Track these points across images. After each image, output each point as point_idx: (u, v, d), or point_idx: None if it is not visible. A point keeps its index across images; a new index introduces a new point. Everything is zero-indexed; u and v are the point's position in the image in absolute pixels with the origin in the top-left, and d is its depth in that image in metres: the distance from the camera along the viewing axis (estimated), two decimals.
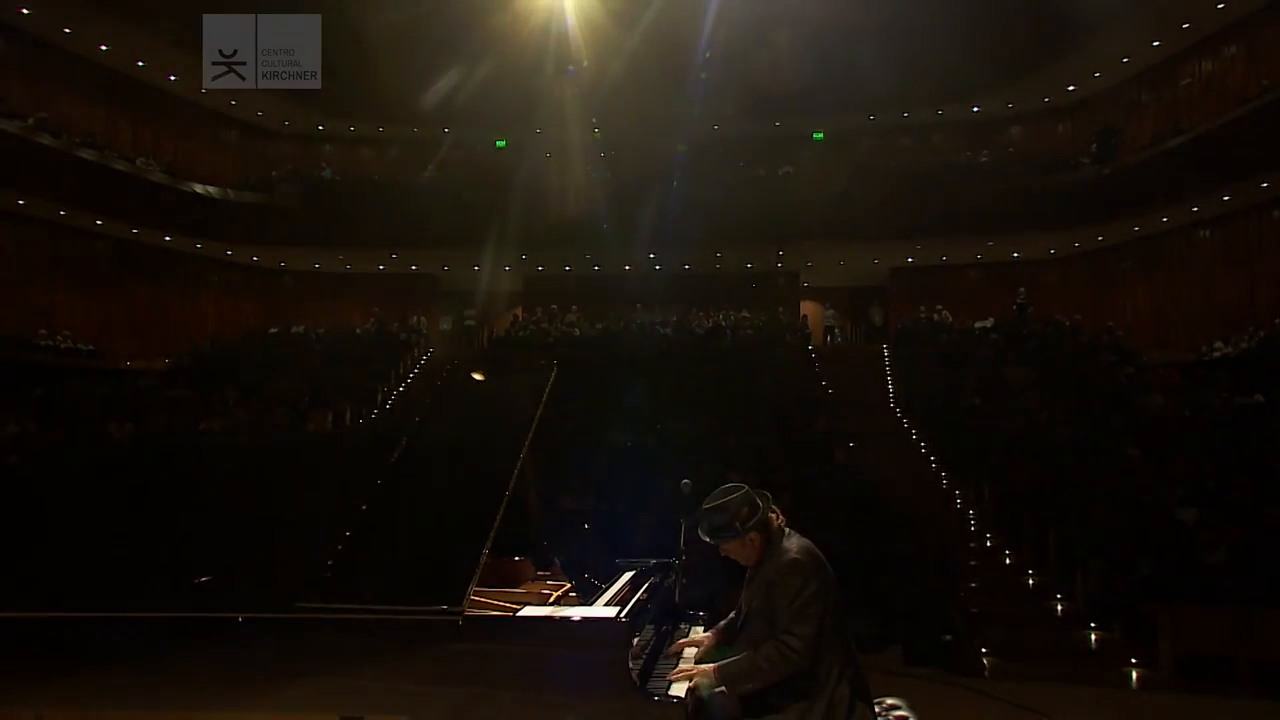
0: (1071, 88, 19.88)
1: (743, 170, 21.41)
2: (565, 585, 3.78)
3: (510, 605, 3.25)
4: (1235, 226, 17.00)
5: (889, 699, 3.40)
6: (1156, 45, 17.65)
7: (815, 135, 22.27)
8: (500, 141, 21.71)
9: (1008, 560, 9.98)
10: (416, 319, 20.37)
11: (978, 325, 18.41)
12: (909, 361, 16.88)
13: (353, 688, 2.99)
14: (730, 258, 21.52)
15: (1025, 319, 18.38)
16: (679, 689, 2.92)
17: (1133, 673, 7.46)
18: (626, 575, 4.06)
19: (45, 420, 13.81)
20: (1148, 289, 19.04)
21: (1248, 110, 14.81)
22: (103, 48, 17.70)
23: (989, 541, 10.45)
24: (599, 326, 19.42)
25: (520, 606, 3.25)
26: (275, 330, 19.65)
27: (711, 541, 3.13)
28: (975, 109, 21.17)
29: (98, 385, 15.79)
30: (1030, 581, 9.46)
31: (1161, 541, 8.49)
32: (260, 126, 21.87)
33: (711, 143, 21.08)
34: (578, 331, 19.24)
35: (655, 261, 21.14)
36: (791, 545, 3.02)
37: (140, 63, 18.25)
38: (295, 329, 19.67)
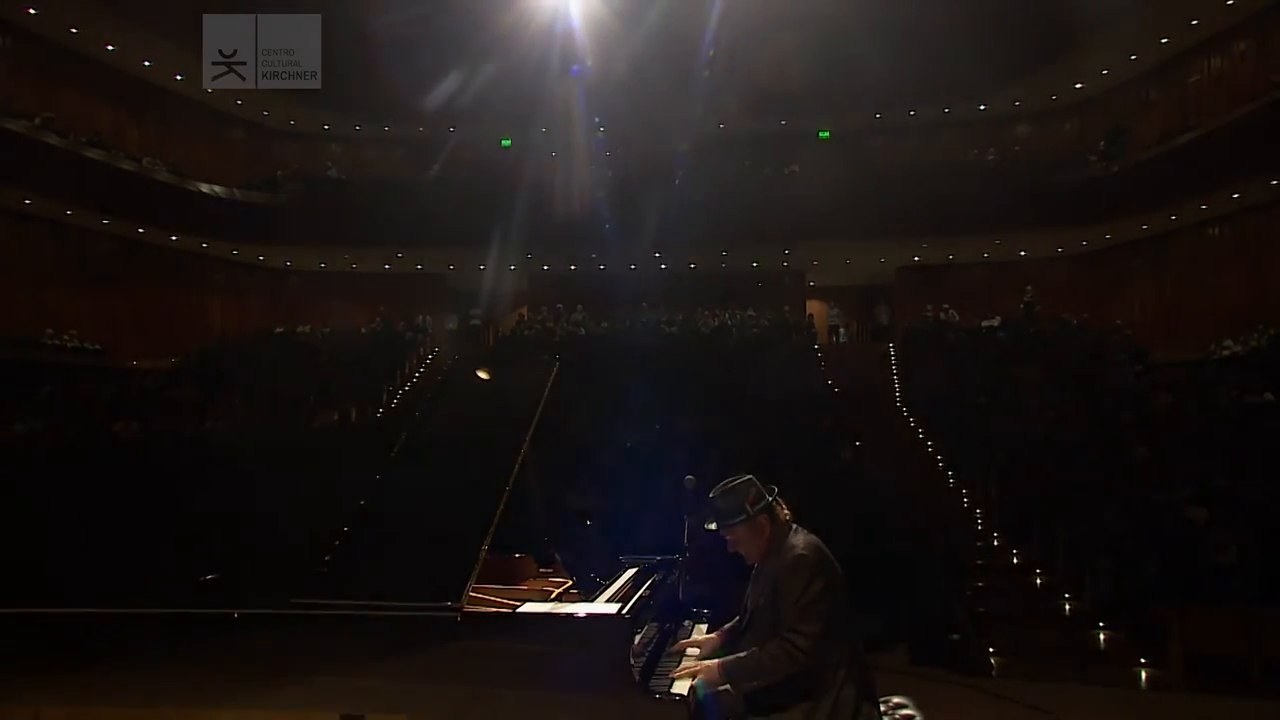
0: (1079, 85, 19.77)
1: (748, 169, 21.36)
2: (567, 582, 3.74)
3: (511, 602, 3.21)
4: (1245, 224, 16.90)
5: (895, 698, 3.36)
6: (1165, 42, 17.54)
7: (821, 134, 22.18)
8: (506, 140, 21.69)
9: (1015, 560, 9.92)
10: (422, 318, 20.38)
11: (984, 324, 18.34)
12: (915, 360, 16.82)
13: (353, 685, 2.96)
14: (736, 256, 21.47)
15: (1032, 318, 18.30)
16: (681, 687, 2.89)
17: (1142, 673, 7.40)
18: (629, 572, 4.03)
19: (52, 420, 13.84)
20: (1156, 287, 18.93)
21: (1257, 107, 14.71)
22: (109, 48, 17.74)
23: (996, 541, 10.39)
24: (604, 325, 19.39)
25: (521, 603, 3.21)
26: (281, 330, 19.67)
27: (720, 529, 3.09)
28: (982, 107, 21.05)
29: (104, 385, 15.82)
30: (1038, 581, 9.40)
31: (1171, 541, 8.41)
32: (266, 126, 21.89)
33: (717, 141, 21.01)
34: (583, 330, 19.22)
35: (661, 260, 21.11)
36: (798, 541, 2.98)
37: (147, 63, 18.28)
38: (301, 328, 19.68)
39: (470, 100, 17.23)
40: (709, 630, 3.67)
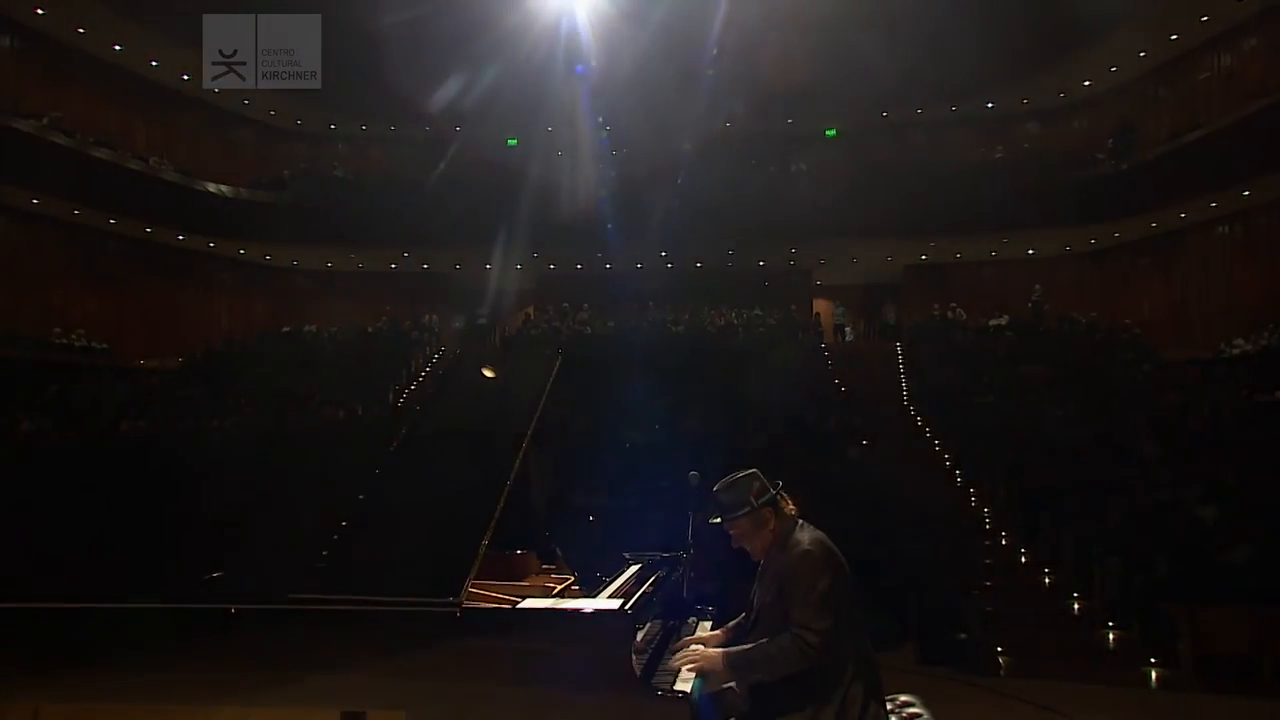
0: (1088, 83, 19.66)
1: (755, 168, 21.29)
2: (569, 579, 3.70)
3: (511, 598, 3.17)
4: (1255, 222, 16.80)
5: (902, 696, 3.32)
6: (1174, 39, 17.43)
7: (828, 132, 22.12)
8: (512, 140, 21.67)
9: (1023, 559, 9.84)
10: (429, 318, 20.37)
11: (992, 323, 18.26)
12: (923, 359, 16.73)
13: (354, 682, 2.93)
14: (743, 256, 21.42)
15: (1041, 317, 18.21)
16: (685, 683, 2.84)
17: (1152, 673, 7.33)
18: (632, 568, 3.99)
19: (59, 418, 13.87)
20: (1166, 286, 18.83)
21: (1268, 104, 14.62)
22: (116, 48, 17.79)
23: (1004, 540, 10.31)
24: (611, 325, 19.35)
25: (521, 599, 3.17)
26: (288, 329, 19.69)
27: (724, 523, 3.05)
28: (990, 105, 20.96)
29: (111, 384, 15.86)
30: (1046, 580, 9.33)
31: (1181, 540, 8.35)
32: (273, 126, 21.93)
33: (723, 140, 20.96)
34: (590, 330, 19.18)
35: (667, 260, 21.06)
36: (803, 537, 2.93)
37: (154, 63, 18.31)
38: (307, 328, 19.69)
39: (476, 100, 17.22)
40: (713, 628, 3.63)
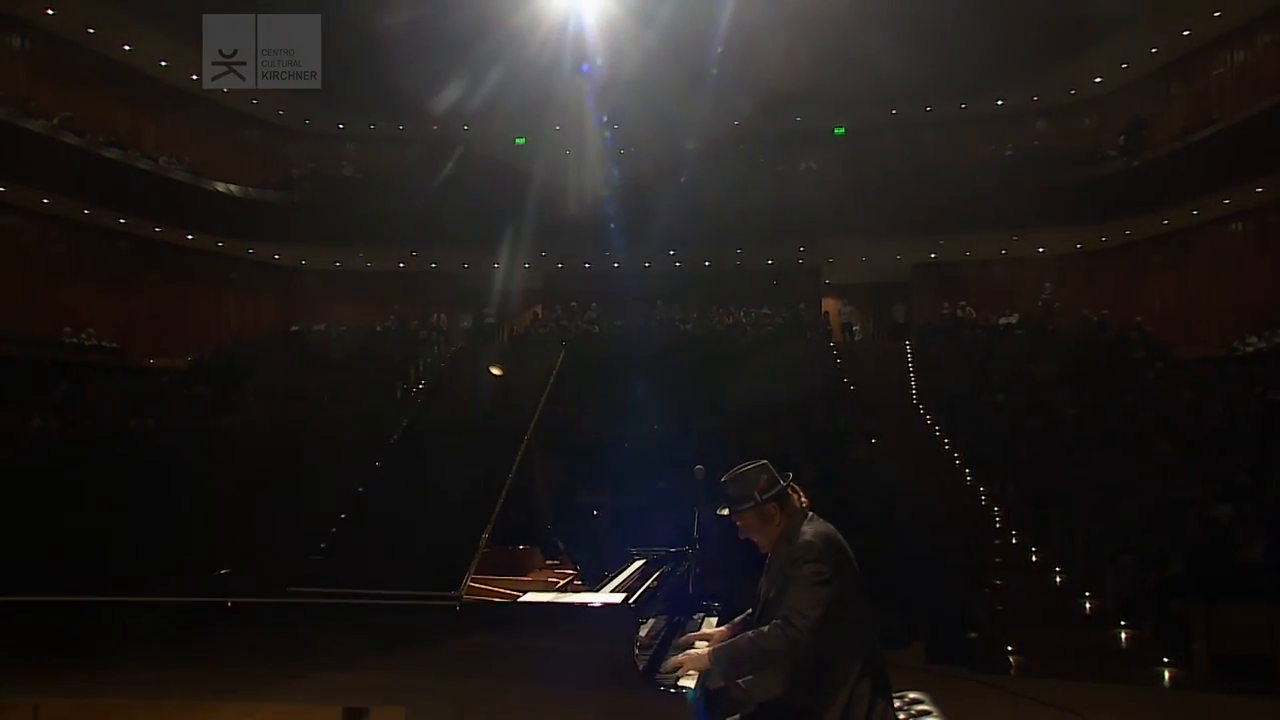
0: (1099, 79, 19.51)
1: (763, 166, 21.22)
2: (572, 573, 3.66)
3: (513, 593, 3.14)
4: (1268, 219, 16.65)
5: (911, 693, 3.27)
6: (1186, 34, 17.28)
7: (837, 130, 22.04)
8: (520, 139, 21.66)
9: (1034, 558, 9.77)
10: (437, 317, 20.38)
11: (1002, 321, 18.17)
12: (932, 358, 16.66)
13: (356, 679, 2.89)
14: (751, 254, 21.35)
15: (1051, 315, 18.09)
16: (689, 679, 2.80)
17: (1165, 672, 7.26)
18: (636, 563, 3.95)
19: (68, 417, 13.91)
20: (1177, 283, 18.68)
21: None
22: (126, 48, 17.84)
23: (1014, 539, 10.24)
24: (619, 323, 19.32)
25: (523, 594, 3.13)
26: (296, 328, 19.73)
27: (730, 515, 3.00)
28: (1000, 102, 20.83)
29: (121, 383, 15.90)
30: (1057, 579, 9.26)
31: (1194, 538, 8.27)
32: (281, 126, 21.95)
33: (732, 139, 20.89)
34: (597, 329, 19.16)
35: (676, 258, 21.01)
36: (809, 530, 2.89)
37: (163, 62, 18.35)
38: (316, 327, 19.74)
39: (484, 99, 17.20)
40: (719, 624, 3.59)
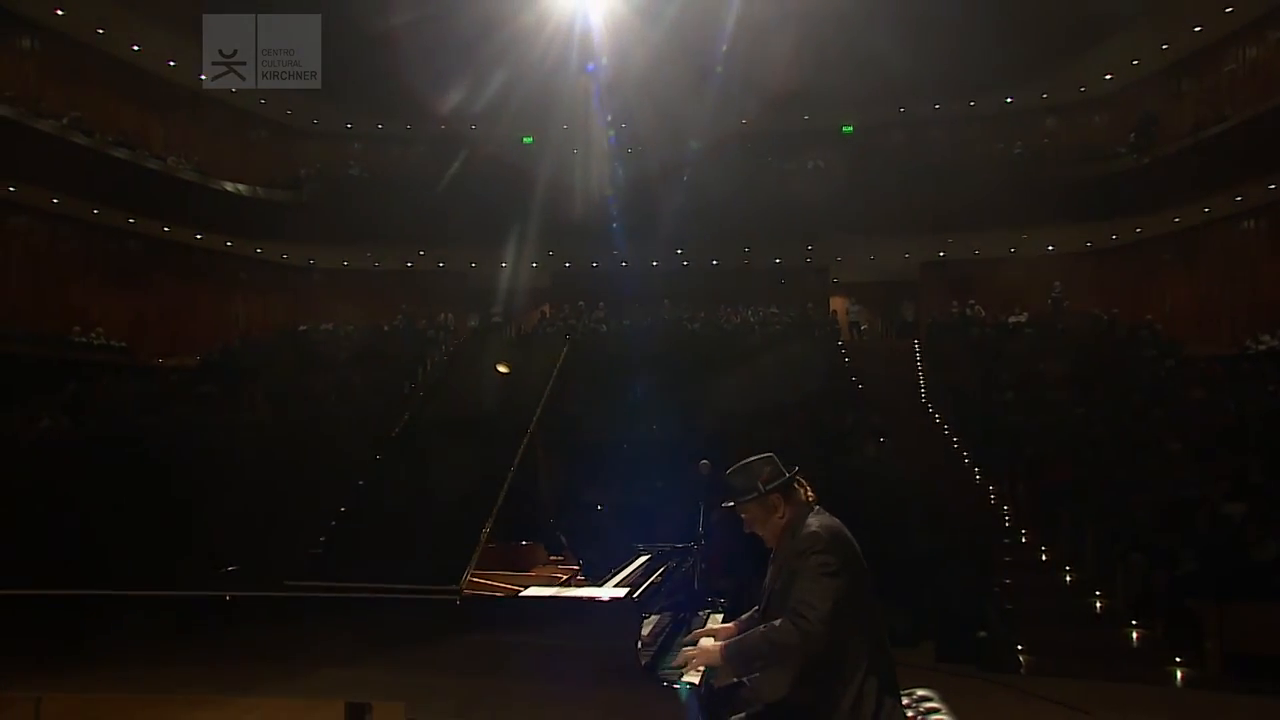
0: (1109, 76, 19.39)
1: (770, 165, 21.18)
2: (576, 569, 3.62)
3: (515, 587, 3.10)
4: None
5: (919, 690, 3.24)
6: (1197, 31, 17.15)
7: (845, 129, 21.96)
8: (527, 138, 21.64)
9: (1044, 557, 9.70)
10: (444, 316, 20.37)
11: (1011, 320, 18.07)
12: (941, 356, 16.57)
13: (358, 675, 2.86)
14: (758, 253, 21.30)
15: (1061, 313, 17.98)
16: (693, 674, 2.76)
17: (1177, 671, 7.19)
18: (641, 559, 3.91)
19: (77, 416, 13.95)
20: (1189, 281, 18.53)
21: None
22: (135, 48, 17.90)
23: (1024, 538, 10.17)
24: (626, 323, 19.28)
25: (525, 588, 3.10)
26: (304, 327, 19.76)
27: (734, 506, 2.97)
28: (1009, 100, 20.72)
29: (129, 382, 15.95)
30: (1068, 578, 9.18)
31: (1206, 537, 8.19)
32: (289, 125, 22.01)
33: (739, 137, 20.84)
34: (605, 328, 19.12)
35: (683, 257, 20.96)
36: (814, 522, 2.85)
37: (171, 62, 18.39)
38: (324, 326, 19.76)
39: (491, 98, 17.20)
40: (725, 620, 3.55)
